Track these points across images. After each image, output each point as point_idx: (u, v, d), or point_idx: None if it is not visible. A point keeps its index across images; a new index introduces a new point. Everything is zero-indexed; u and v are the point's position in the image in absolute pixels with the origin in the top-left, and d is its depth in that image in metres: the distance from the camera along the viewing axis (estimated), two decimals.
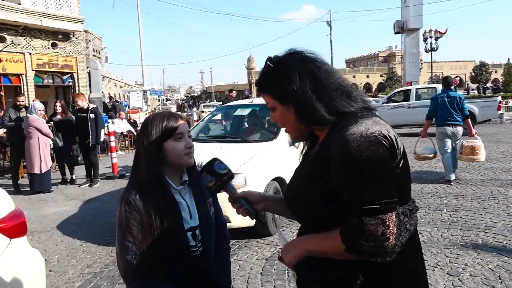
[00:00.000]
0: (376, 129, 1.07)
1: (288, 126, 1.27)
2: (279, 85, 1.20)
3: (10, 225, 2.24)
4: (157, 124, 1.53)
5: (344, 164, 1.06)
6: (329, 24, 34.77)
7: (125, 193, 1.53)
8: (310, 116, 1.17)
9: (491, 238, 4.28)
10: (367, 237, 1.05)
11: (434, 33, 23.10)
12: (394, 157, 1.10)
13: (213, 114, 6.90)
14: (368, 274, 1.12)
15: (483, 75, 57.16)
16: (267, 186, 4.62)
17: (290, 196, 1.30)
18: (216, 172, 1.42)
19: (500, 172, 7.59)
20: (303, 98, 1.16)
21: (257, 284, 3.51)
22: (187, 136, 1.57)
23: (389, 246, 1.05)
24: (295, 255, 1.23)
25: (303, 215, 1.25)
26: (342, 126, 1.10)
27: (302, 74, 1.17)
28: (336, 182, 1.09)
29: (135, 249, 1.47)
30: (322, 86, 1.17)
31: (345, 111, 1.15)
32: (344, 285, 1.14)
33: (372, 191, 1.05)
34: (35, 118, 7.49)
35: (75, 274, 3.95)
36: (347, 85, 1.21)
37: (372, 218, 1.04)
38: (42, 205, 6.81)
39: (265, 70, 1.25)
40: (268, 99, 1.26)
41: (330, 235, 1.12)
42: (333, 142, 1.10)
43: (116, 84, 37.83)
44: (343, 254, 1.10)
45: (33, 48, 15.15)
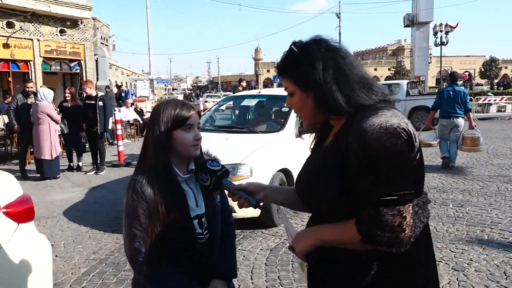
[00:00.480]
0: (395, 121, 1.07)
1: (304, 113, 1.26)
2: (301, 70, 1.19)
3: (18, 210, 2.25)
4: (169, 111, 1.52)
5: (363, 155, 1.05)
6: (338, 16, 34.44)
7: (132, 180, 1.53)
8: (329, 105, 1.16)
9: (497, 234, 4.26)
10: (384, 228, 1.05)
11: (444, 27, 22.79)
12: (412, 149, 1.09)
13: (220, 104, 6.88)
14: (382, 265, 1.12)
15: (492, 71, 56.48)
16: (273, 177, 4.62)
17: (301, 186, 1.29)
18: (210, 169, 1.45)
19: (508, 168, 7.52)
20: (324, 87, 1.15)
21: (261, 274, 3.53)
22: (196, 128, 1.57)
23: (405, 237, 1.06)
24: (308, 244, 1.22)
25: (315, 206, 1.25)
26: (361, 117, 1.09)
27: (326, 62, 1.16)
28: (352, 173, 1.09)
29: (142, 236, 1.47)
30: (345, 77, 1.16)
31: (364, 103, 1.14)
32: (357, 276, 1.14)
33: (390, 182, 1.05)
34: (46, 104, 7.54)
35: (80, 260, 3.99)
36: (368, 78, 1.20)
37: (390, 209, 1.05)
38: (49, 191, 6.87)
39: (288, 54, 1.23)
40: (288, 84, 1.25)
41: (345, 225, 1.12)
42: (351, 133, 1.09)
43: (123, 72, 37.86)
44: (358, 244, 1.10)
45: (41, 34, 15.18)
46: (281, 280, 3.42)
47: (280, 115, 5.73)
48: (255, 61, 78.72)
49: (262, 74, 71.43)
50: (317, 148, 1.33)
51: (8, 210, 2.18)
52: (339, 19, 34.57)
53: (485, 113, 19.42)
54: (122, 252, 4.13)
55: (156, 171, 1.50)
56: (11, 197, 2.27)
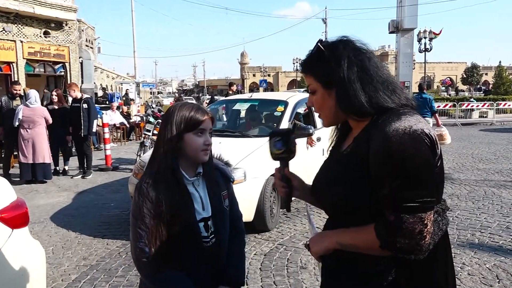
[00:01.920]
0: (420, 127, 1.06)
1: (324, 111, 1.25)
2: (326, 68, 1.18)
3: (12, 215, 2.18)
4: (183, 113, 1.51)
5: (386, 160, 1.04)
6: (324, 21, 34.79)
7: (140, 181, 1.53)
8: (350, 104, 1.16)
9: (487, 238, 4.32)
10: (404, 235, 1.04)
11: (428, 34, 23.25)
12: (435, 155, 1.09)
13: (211, 108, 6.83)
14: (400, 271, 1.11)
15: (474, 77, 57.76)
16: (266, 182, 4.60)
17: (319, 189, 1.28)
18: (289, 144, 1.36)
19: (493, 173, 7.68)
20: (347, 85, 1.15)
21: (256, 280, 3.50)
22: (208, 133, 1.55)
23: (424, 244, 1.05)
24: (325, 246, 1.22)
25: (333, 209, 1.24)
26: (384, 122, 1.08)
27: (351, 61, 1.16)
28: (374, 178, 1.07)
29: (147, 236, 1.46)
30: (369, 77, 1.16)
31: (386, 106, 1.13)
32: (374, 281, 1.13)
33: (413, 189, 1.04)
34: (42, 107, 7.55)
35: (71, 266, 3.89)
36: (393, 81, 1.20)
37: (411, 215, 1.03)
38: (34, 196, 6.71)
39: (314, 52, 1.23)
40: (311, 81, 1.24)
41: (364, 230, 1.11)
42: (374, 137, 1.08)
43: (108, 75, 37.42)
44: (376, 250, 1.09)
45: (24, 36, 14.86)
46: (276, 285, 3.39)
47: (272, 119, 5.72)
48: (241, 65, 78.78)
49: (248, 79, 71.58)
50: (335, 151, 1.33)
51: (2, 216, 2.11)
52: (325, 25, 34.93)
53: (467, 119, 19.83)
54: (114, 258, 4.04)
55: (163, 172, 1.49)
56: (5, 202, 2.20)
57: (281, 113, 5.52)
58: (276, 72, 73.90)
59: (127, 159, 10.22)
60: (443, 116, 20.84)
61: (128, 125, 14.42)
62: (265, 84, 40.74)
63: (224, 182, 1.68)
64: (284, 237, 4.50)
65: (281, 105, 5.67)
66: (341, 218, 1.21)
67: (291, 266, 3.74)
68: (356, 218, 1.14)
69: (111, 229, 4.94)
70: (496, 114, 19.92)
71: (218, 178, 1.65)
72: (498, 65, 52.81)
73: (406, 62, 23.65)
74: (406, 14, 22.55)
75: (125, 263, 3.86)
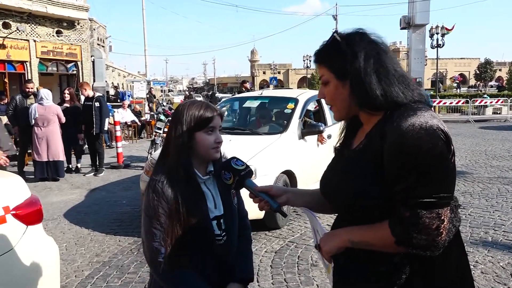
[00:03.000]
0: (435, 123, 1.05)
1: (336, 103, 1.24)
2: (341, 59, 1.17)
3: (27, 211, 2.22)
4: (193, 112, 1.52)
5: (402, 156, 1.04)
6: (335, 18, 34.55)
7: (152, 180, 1.52)
8: (365, 96, 1.14)
9: (501, 236, 4.27)
10: (421, 230, 1.03)
11: (440, 30, 22.94)
12: (449, 151, 1.08)
13: (222, 106, 6.85)
14: (413, 269, 1.10)
15: (487, 73, 56.88)
16: (277, 179, 4.60)
17: (329, 187, 1.27)
18: (234, 168, 1.40)
19: (507, 170, 7.56)
20: (363, 76, 1.14)
21: (267, 277, 3.50)
22: (218, 131, 1.56)
23: (441, 240, 1.04)
24: (336, 245, 1.21)
25: (344, 207, 1.23)
26: (399, 117, 1.08)
27: (368, 53, 1.16)
28: (388, 174, 1.07)
29: (162, 236, 1.46)
30: (385, 70, 1.15)
31: (400, 101, 1.13)
32: (388, 279, 1.12)
33: (429, 184, 1.03)
34: (56, 105, 7.70)
35: (84, 262, 3.95)
36: (407, 77, 1.19)
37: (428, 211, 1.03)
38: (48, 193, 6.81)
39: (329, 43, 1.22)
40: (324, 71, 1.23)
41: (377, 226, 1.11)
42: (389, 132, 1.07)
43: (119, 73, 37.72)
44: (390, 247, 1.08)
45: (37, 35, 15.07)
46: (287, 282, 3.40)
47: (283, 116, 5.71)
48: (251, 62, 78.79)
49: (258, 76, 71.48)
50: (343, 148, 1.31)
51: (17, 212, 2.15)
52: (336, 21, 34.68)
53: (481, 115, 19.54)
54: (126, 254, 4.09)
55: (177, 172, 1.49)
56: (20, 199, 2.24)
57: (291, 110, 5.51)
58: (286, 69, 73.73)
59: (139, 156, 10.31)
60: (455, 113, 20.59)
61: (139, 123, 14.52)
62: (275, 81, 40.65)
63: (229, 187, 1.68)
64: (294, 235, 4.50)
65: (291, 103, 5.65)
66: (351, 216, 1.20)
67: (301, 263, 3.74)
68: (367, 216, 1.13)
69: (123, 226, 4.99)
70: (510, 110, 19.58)
71: None
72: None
73: (418, 58, 23.43)
74: (417, 10, 22.30)
75: (137, 260, 3.91)
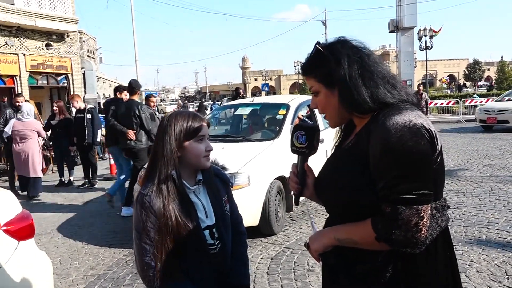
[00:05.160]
0: (419, 122, 1.07)
1: (328, 112, 1.27)
2: (326, 68, 1.20)
3: (18, 227, 2.20)
4: (181, 122, 1.52)
5: (384, 152, 1.06)
6: (324, 23, 34.84)
7: (140, 194, 1.51)
8: (353, 101, 1.17)
9: (495, 234, 4.29)
10: (400, 226, 1.04)
11: (428, 32, 23.19)
12: (434, 151, 1.10)
13: (213, 114, 6.86)
14: (398, 267, 1.12)
15: (476, 73, 57.53)
16: (270, 185, 4.60)
17: (322, 185, 1.29)
18: (312, 140, 1.31)
19: (499, 168, 7.63)
20: (349, 82, 1.17)
21: (264, 284, 3.49)
22: (207, 139, 1.56)
23: (420, 237, 1.05)
24: (323, 243, 1.23)
25: (333, 204, 1.25)
26: (384, 116, 1.10)
27: (351, 59, 1.18)
28: (372, 170, 1.09)
29: (152, 250, 1.45)
30: (369, 73, 1.18)
31: (387, 101, 1.15)
32: (374, 278, 1.13)
33: (410, 181, 1.05)
34: (36, 121, 7.50)
35: (78, 276, 3.91)
36: (392, 76, 1.22)
37: (408, 207, 1.04)
38: (41, 207, 6.74)
39: (313, 54, 1.24)
40: (313, 82, 1.26)
41: (360, 224, 1.13)
42: (374, 131, 1.10)
43: (111, 85, 37.58)
44: (372, 243, 1.10)
45: (27, 49, 15.00)
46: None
47: (275, 122, 5.73)
48: (242, 70, 78.95)
49: (250, 83, 71.65)
50: (339, 147, 1.34)
51: (8, 228, 2.13)
52: (325, 26, 34.97)
53: (471, 115, 19.71)
54: (121, 266, 4.05)
55: (164, 183, 1.48)
56: (11, 215, 2.22)
57: (283, 116, 5.53)
58: (277, 75, 73.97)
59: None
60: (446, 113, 20.77)
61: None
62: (267, 88, 40.79)
63: (224, 187, 1.69)
64: (290, 240, 4.49)
65: (283, 108, 5.68)
66: (341, 214, 1.22)
67: (298, 269, 3.73)
68: (356, 214, 1.15)
69: (117, 238, 4.95)
70: None
71: (218, 183, 1.65)
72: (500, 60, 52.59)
73: (407, 61, 23.65)
74: (405, 13, 22.56)
75: (132, 272, 3.87)
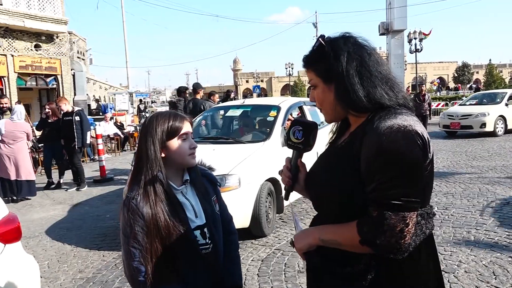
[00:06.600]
0: (414, 128, 1.07)
1: (325, 107, 1.26)
2: (326, 62, 1.19)
3: (4, 230, 2.16)
4: (162, 123, 1.51)
5: (376, 156, 1.05)
6: (315, 26, 34.99)
7: (127, 198, 1.49)
8: (349, 99, 1.16)
9: (483, 234, 4.34)
10: (385, 231, 1.04)
11: (418, 35, 23.48)
12: (425, 158, 1.09)
13: (204, 116, 6.83)
14: (381, 271, 1.12)
15: (465, 76, 58.29)
16: (261, 187, 4.60)
17: (311, 181, 1.28)
18: (309, 135, 1.30)
19: (487, 170, 7.72)
20: (346, 79, 1.16)
21: (254, 286, 3.48)
22: (191, 137, 1.55)
23: (404, 244, 1.05)
24: (307, 243, 1.23)
25: (321, 202, 1.25)
26: (379, 119, 1.10)
27: (350, 55, 1.17)
28: (363, 173, 1.08)
29: (141, 254, 1.44)
30: (368, 72, 1.16)
31: (383, 103, 1.14)
32: (356, 281, 1.13)
33: (399, 187, 1.04)
34: (26, 123, 7.41)
35: (67, 279, 3.86)
36: (392, 79, 1.20)
37: (394, 213, 1.04)
38: (29, 210, 6.65)
39: (315, 47, 1.24)
40: (312, 76, 1.25)
41: (346, 225, 1.12)
42: (368, 133, 1.09)
43: (101, 86, 37.36)
44: (356, 246, 1.09)
45: (15, 49, 14.84)
46: None
47: (265, 124, 5.73)
48: (234, 71, 79.00)
49: (242, 85, 71.73)
50: (333, 145, 1.33)
51: None
52: (316, 29, 35.12)
53: None
54: (110, 269, 4.01)
55: (151, 185, 1.47)
56: None
57: (274, 118, 5.54)
58: (269, 77, 74.17)
59: (122, 169, 10.18)
60: (436, 116, 20.97)
61: (122, 136, 14.38)
62: (258, 89, 40.86)
63: (212, 187, 1.68)
64: (281, 242, 4.49)
65: (274, 110, 5.68)
66: (327, 213, 1.22)
67: (288, 270, 3.73)
68: (344, 215, 1.14)
69: (107, 241, 4.91)
70: None
71: (206, 183, 1.65)
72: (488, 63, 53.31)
73: (397, 63, 23.82)
74: (395, 16, 22.77)
75: (121, 275, 3.83)
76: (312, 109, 6.12)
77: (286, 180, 1.35)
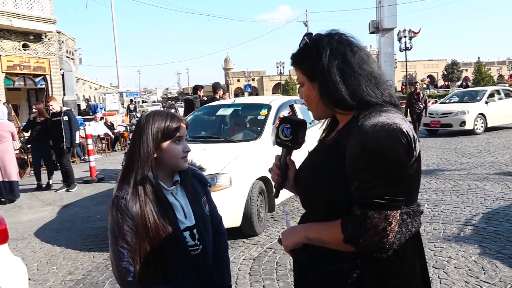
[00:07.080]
0: (398, 126, 1.06)
1: (311, 105, 1.26)
2: (309, 61, 1.19)
3: None
4: (158, 123, 1.48)
5: (360, 154, 1.04)
6: (305, 24, 35.03)
7: (116, 197, 1.47)
8: (332, 97, 1.16)
9: (472, 230, 4.38)
10: (368, 230, 1.04)
11: (408, 33, 23.61)
12: (410, 157, 1.08)
13: (194, 115, 6.80)
14: (365, 270, 1.11)
15: (454, 73, 58.87)
16: (252, 186, 4.59)
17: (300, 180, 1.28)
18: (297, 133, 1.30)
19: (476, 166, 7.80)
20: (328, 77, 1.15)
21: (246, 285, 3.47)
22: (185, 140, 1.54)
23: (387, 242, 1.05)
24: (293, 240, 1.23)
25: (310, 201, 1.24)
26: (364, 117, 1.09)
27: (333, 53, 1.16)
28: (348, 171, 1.08)
29: (130, 255, 1.42)
30: (351, 70, 1.15)
31: (369, 101, 1.13)
32: (341, 277, 1.13)
33: (383, 185, 1.03)
34: (9, 122, 7.25)
35: (56, 281, 3.82)
36: (378, 76, 1.19)
37: (377, 212, 1.03)
38: (17, 212, 6.57)
39: (301, 45, 1.23)
40: (299, 74, 1.25)
41: (331, 224, 1.12)
42: (353, 131, 1.09)
43: (91, 86, 37.01)
44: (340, 245, 1.09)
45: (2, 49, 14.65)
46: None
47: (256, 123, 5.72)
48: (225, 71, 78.82)
49: (233, 84, 71.58)
50: (322, 143, 1.33)
51: None
52: (307, 27, 35.17)
53: None
54: (100, 271, 3.98)
55: (141, 185, 1.45)
56: None
57: (264, 116, 5.53)
58: (260, 76, 74.15)
59: (113, 170, 10.10)
60: None
61: (113, 136, 14.27)
62: (249, 88, 40.83)
63: (202, 187, 1.67)
64: (272, 241, 4.49)
65: (265, 109, 5.68)
66: (317, 211, 1.21)
67: (280, 269, 3.73)
68: (332, 213, 1.14)
69: (97, 242, 4.86)
70: None
71: (196, 184, 1.63)
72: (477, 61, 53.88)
73: (387, 61, 24.03)
74: (385, 14, 22.95)
75: (111, 276, 3.80)
76: (303, 107, 6.12)
77: (275, 178, 1.35)
